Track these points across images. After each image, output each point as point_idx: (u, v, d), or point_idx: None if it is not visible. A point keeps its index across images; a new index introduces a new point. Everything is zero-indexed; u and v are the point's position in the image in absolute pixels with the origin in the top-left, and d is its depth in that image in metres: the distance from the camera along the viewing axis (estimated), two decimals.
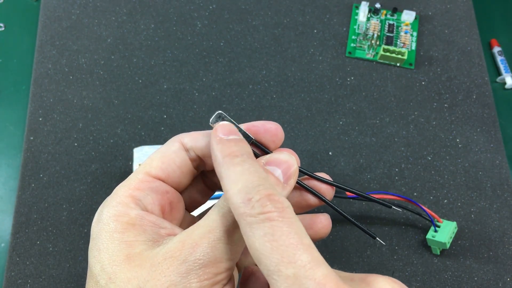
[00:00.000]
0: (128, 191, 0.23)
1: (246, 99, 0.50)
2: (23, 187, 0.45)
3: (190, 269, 0.19)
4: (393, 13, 0.55)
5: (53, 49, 0.51)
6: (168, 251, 0.20)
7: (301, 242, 0.18)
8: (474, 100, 0.51)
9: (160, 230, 0.22)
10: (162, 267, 0.20)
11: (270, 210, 0.18)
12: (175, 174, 0.24)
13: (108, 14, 0.53)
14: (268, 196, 0.19)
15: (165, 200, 0.23)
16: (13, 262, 0.42)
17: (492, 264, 0.44)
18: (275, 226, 0.18)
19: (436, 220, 0.42)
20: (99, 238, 0.21)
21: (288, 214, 0.19)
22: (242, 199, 0.19)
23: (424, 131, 0.49)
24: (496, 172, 0.47)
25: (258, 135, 0.24)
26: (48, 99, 0.49)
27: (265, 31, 0.53)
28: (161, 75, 0.50)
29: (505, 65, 0.54)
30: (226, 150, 0.21)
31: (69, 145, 0.47)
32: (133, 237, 0.21)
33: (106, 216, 0.22)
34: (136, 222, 0.21)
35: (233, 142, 0.22)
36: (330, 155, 0.48)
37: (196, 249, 0.20)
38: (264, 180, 0.20)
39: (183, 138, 0.24)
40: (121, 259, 0.20)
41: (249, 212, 0.19)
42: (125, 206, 0.22)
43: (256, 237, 0.18)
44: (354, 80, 0.51)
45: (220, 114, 0.23)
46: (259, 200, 0.19)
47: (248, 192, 0.19)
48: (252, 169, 0.20)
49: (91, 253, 0.21)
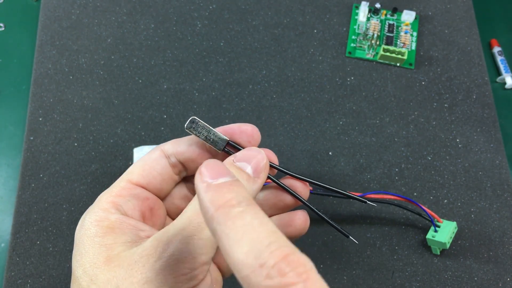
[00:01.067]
0: (110, 198, 0.24)
1: (246, 99, 0.50)
2: (23, 187, 0.45)
3: (164, 265, 0.20)
4: (393, 13, 0.55)
5: (53, 49, 0.51)
6: (143, 249, 0.21)
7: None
8: (474, 100, 0.51)
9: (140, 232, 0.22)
10: (138, 265, 0.20)
11: (292, 281, 0.14)
12: (156, 181, 0.25)
13: (108, 14, 0.53)
14: (286, 258, 0.15)
15: (146, 206, 0.24)
16: (13, 262, 0.42)
17: (492, 264, 0.44)
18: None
19: (436, 220, 0.42)
20: (81, 243, 0.22)
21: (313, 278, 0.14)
22: (252, 266, 0.15)
23: (424, 131, 0.49)
24: (496, 172, 0.47)
25: (233, 136, 0.24)
26: (48, 99, 0.49)
27: (265, 31, 0.53)
28: (161, 75, 0.50)
29: (505, 65, 0.54)
30: (219, 200, 0.17)
31: (69, 145, 0.47)
32: (112, 240, 0.22)
33: (88, 222, 0.23)
34: (116, 225, 0.22)
35: (225, 187, 0.17)
36: (330, 155, 0.48)
37: (169, 245, 0.20)
38: (275, 234, 0.16)
39: (163, 145, 0.25)
40: (101, 261, 0.21)
41: (265, 285, 0.14)
42: (106, 211, 0.23)
43: None
44: (354, 80, 0.51)
45: (193, 120, 0.24)
46: (275, 265, 0.14)
47: (259, 255, 0.15)
48: (256, 222, 0.16)
49: (74, 258, 0.22)
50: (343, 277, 0.43)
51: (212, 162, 0.18)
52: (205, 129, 0.24)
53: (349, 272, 0.43)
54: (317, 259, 0.43)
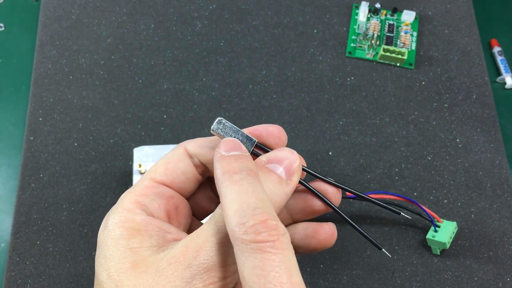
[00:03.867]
0: (134, 197, 0.23)
1: (246, 99, 0.50)
2: (23, 187, 0.45)
3: (194, 273, 0.19)
4: (393, 13, 0.55)
5: (53, 49, 0.51)
6: (172, 256, 0.20)
7: (290, 280, 0.17)
8: (474, 100, 0.51)
9: (166, 235, 0.22)
10: (167, 273, 0.19)
11: (263, 239, 0.17)
12: (180, 180, 0.24)
13: (108, 14, 0.53)
14: (264, 222, 0.18)
15: (171, 205, 0.23)
16: (13, 262, 0.42)
17: (492, 264, 0.44)
18: (266, 259, 0.17)
19: (436, 220, 0.43)
20: (105, 246, 0.21)
21: (282, 244, 0.18)
22: (236, 222, 0.18)
23: (424, 131, 0.49)
24: (496, 172, 0.47)
25: (261, 139, 0.24)
26: (48, 99, 0.49)
27: (265, 31, 0.53)
28: (161, 75, 0.50)
29: (505, 65, 0.54)
30: (226, 167, 0.20)
31: (69, 145, 0.47)
32: (138, 243, 0.21)
33: (111, 223, 0.22)
34: (142, 227, 0.21)
35: (233, 158, 0.21)
36: (330, 155, 0.48)
37: (199, 253, 0.19)
38: (262, 202, 0.19)
39: (187, 144, 0.24)
40: (127, 266, 0.20)
41: (242, 238, 0.18)
42: (130, 212, 0.22)
43: (245, 266, 0.18)
44: (354, 80, 0.51)
45: (220, 120, 0.23)
46: (253, 226, 0.18)
47: (243, 215, 0.18)
48: (250, 189, 0.19)
49: (98, 261, 0.21)
50: (343, 277, 0.43)
51: (229, 139, 0.22)
52: (233, 130, 0.23)
53: (349, 272, 0.43)
54: (317, 259, 0.43)
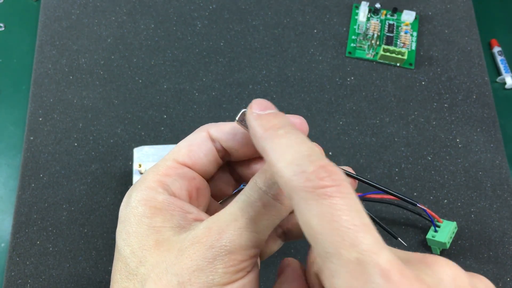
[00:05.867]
0: (156, 177, 0.23)
1: (246, 99, 0.50)
2: (23, 187, 0.45)
3: (216, 254, 0.20)
4: (393, 13, 0.55)
5: (53, 49, 0.51)
6: (195, 236, 0.20)
7: (362, 222, 0.16)
8: (474, 100, 0.51)
9: (187, 215, 0.22)
10: (189, 252, 0.20)
11: (328, 184, 0.17)
12: (202, 162, 0.24)
13: (108, 14, 0.53)
14: (324, 167, 0.17)
15: (192, 186, 0.24)
16: (13, 262, 0.42)
17: (492, 264, 0.44)
18: (335, 204, 0.16)
19: (436, 220, 0.42)
20: (128, 221, 0.22)
21: (347, 189, 0.17)
22: (294, 171, 0.17)
23: (424, 131, 0.49)
24: (496, 172, 0.47)
25: None
26: (48, 99, 0.49)
27: (265, 31, 0.53)
28: (161, 75, 0.50)
29: (505, 65, 0.55)
30: (267, 124, 0.20)
31: (69, 145, 0.47)
32: (161, 222, 0.21)
33: (134, 199, 0.22)
34: (164, 207, 0.22)
35: (271, 115, 0.21)
36: (330, 155, 0.48)
37: (222, 235, 0.20)
38: (315, 150, 0.18)
39: (210, 128, 0.25)
40: (151, 244, 0.21)
41: (304, 186, 0.17)
42: (153, 190, 0.22)
43: (313, 214, 0.16)
44: (354, 80, 0.51)
45: (245, 112, 0.23)
46: (314, 171, 0.17)
47: (300, 163, 0.17)
48: (299, 139, 0.19)
49: (120, 236, 0.22)
50: None
51: (260, 100, 0.22)
52: None
53: None
54: None
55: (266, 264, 0.43)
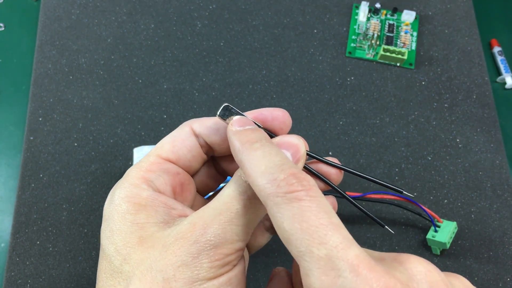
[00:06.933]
0: (140, 173, 0.23)
1: (246, 99, 0.50)
2: (23, 187, 0.45)
3: (201, 249, 0.20)
4: (393, 13, 0.55)
5: (53, 49, 0.51)
6: (179, 232, 0.20)
7: (331, 222, 0.17)
8: (474, 100, 0.51)
9: (172, 211, 0.22)
10: (174, 248, 0.20)
11: (297, 188, 0.18)
12: (186, 158, 0.24)
13: (108, 14, 0.53)
14: (294, 175, 0.19)
15: (176, 181, 0.24)
16: (13, 262, 0.42)
17: (492, 264, 0.44)
18: (304, 206, 0.18)
19: (436, 220, 0.42)
20: (112, 219, 0.22)
21: (315, 192, 0.18)
22: (267, 179, 0.19)
23: (424, 131, 0.49)
24: (496, 172, 0.47)
25: (266, 123, 0.24)
26: (48, 99, 0.49)
27: (265, 31, 0.53)
28: (161, 75, 0.50)
29: (505, 65, 0.54)
30: (244, 138, 0.21)
31: (69, 145, 0.47)
32: (144, 219, 0.21)
33: (118, 197, 0.22)
34: (148, 203, 0.22)
35: (249, 131, 0.22)
36: (330, 155, 0.48)
37: (207, 230, 0.20)
38: (286, 160, 0.20)
39: (193, 123, 0.25)
40: (134, 241, 0.21)
41: (276, 192, 0.18)
42: (137, 187, 0.22)
43: (284, 217, 0.18)
44: (354, 80, 0.51)
45: (227, 107, 0.23)
46: (285, 178, 0.18)
47: (273, 172, 0.19)
48: (273, 151, 0.20)
49: (104, 234, 0.22)
50: None
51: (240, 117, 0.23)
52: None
53: None
54: None
55: (266, 265, 0.43)
